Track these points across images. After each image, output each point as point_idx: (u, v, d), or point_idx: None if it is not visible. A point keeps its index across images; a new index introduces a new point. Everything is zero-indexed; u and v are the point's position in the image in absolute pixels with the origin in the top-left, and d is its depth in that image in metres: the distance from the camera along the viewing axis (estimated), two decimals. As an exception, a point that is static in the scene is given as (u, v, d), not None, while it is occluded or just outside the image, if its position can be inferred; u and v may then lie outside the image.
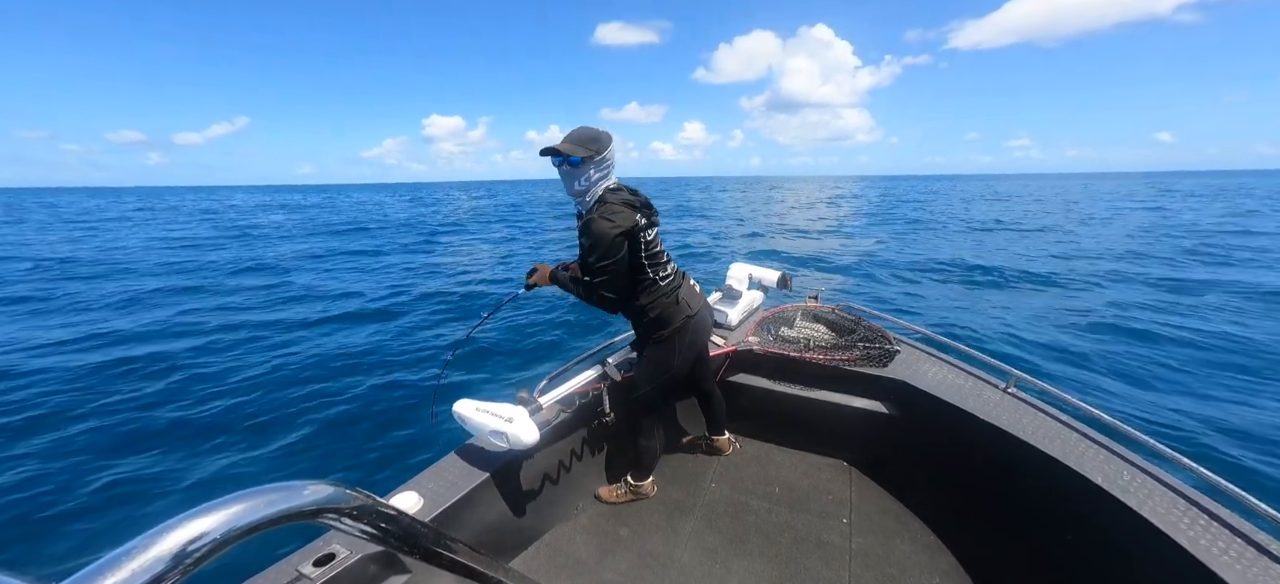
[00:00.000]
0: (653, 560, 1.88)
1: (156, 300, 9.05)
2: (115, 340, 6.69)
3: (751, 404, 2.52)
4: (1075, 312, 7.29)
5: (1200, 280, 9.18)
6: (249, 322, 7.53)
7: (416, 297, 9.06)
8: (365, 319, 7.73)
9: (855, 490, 2.20)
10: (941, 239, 15.96)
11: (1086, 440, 1.67)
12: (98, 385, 5.15)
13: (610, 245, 1.68)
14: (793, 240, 16.76)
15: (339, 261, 13.60)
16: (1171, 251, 12.54)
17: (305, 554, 1.26)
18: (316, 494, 0.62)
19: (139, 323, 7.52)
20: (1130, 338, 6.14)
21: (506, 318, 6.84)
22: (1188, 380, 4.95)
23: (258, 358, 5.89)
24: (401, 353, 6.08)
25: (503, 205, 41.99)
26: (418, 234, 20.15)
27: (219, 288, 10.17)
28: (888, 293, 8.93)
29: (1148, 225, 18.61)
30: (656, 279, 1.84)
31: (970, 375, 2.14)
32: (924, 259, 12.10)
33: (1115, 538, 1.44)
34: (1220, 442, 3.79)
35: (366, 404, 4.62)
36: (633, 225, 1.72)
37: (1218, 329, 6.30)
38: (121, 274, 11.90)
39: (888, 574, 1.79)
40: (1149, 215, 22.62)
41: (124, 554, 0.46)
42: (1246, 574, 1.18)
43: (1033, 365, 5.29)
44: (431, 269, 12.29)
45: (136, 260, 14.06)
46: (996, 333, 6.42)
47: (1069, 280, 9.43)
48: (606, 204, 1.72)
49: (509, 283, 10.45)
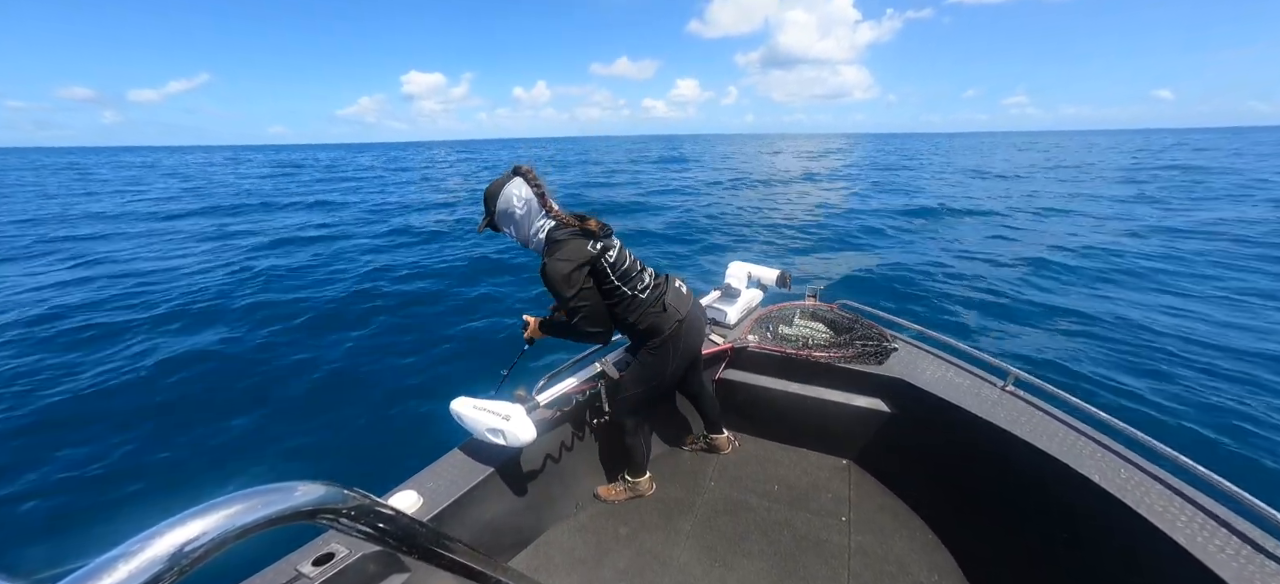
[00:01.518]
0: (651, 559, 1.88)
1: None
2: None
3: (750, 402, 2.52)
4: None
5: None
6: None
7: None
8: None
9: (854, 488, 2.20)
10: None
11: (1084, 438, 1.68)
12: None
13: (570, 282, 1.68)
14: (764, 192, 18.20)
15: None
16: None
17: (304, 553, 1.26)
18: (314, 494, 0.62)
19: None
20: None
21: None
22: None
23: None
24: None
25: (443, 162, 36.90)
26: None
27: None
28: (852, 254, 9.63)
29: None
30: (635, 293, 1.82)
31: (968, 373, 2.15)
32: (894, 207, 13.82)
33: (1113, 535, 1.45)
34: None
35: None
36: (587, 256, 1.71)
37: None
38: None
39: (886, 572, 1.80)
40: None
41: (120, 555, 0.46)
42: (1243, 571, 1.18)
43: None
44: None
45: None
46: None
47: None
48: (556, 244, 1.72)
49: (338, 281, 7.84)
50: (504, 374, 2.14)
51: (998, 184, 19.63)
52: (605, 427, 2.16)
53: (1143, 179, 20.27)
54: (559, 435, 2.09)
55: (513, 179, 1.76)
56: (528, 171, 1.78)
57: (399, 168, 38.71)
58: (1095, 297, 6.41)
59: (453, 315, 6.43)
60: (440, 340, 5.61)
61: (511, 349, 2.17)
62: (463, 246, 10.05)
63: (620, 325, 1.88)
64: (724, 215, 13.42)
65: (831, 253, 9.39)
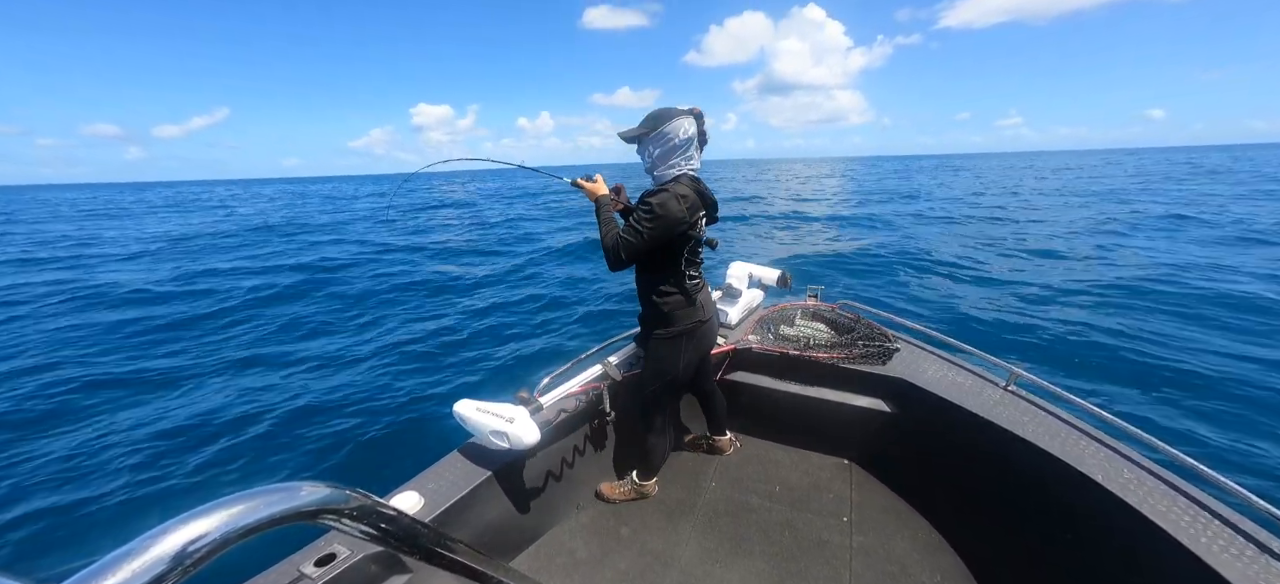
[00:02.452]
0: (653, 559, 1.89)
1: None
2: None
3: (751, 403, 2.52)
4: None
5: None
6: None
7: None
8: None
9: (855, 489, 2.20)
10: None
11: (1086, 438, 1.68)
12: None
13: (664, 220, 1.68)
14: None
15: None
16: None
17: (306, 554, 1.27)
18: (316, 495, 0.63)
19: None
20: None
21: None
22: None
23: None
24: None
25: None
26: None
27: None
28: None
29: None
30: (686, 274, 1.86)
31: (970, 373, 2.14)
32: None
33: (1115, 535, 1.44)
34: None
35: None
36: (685, 221, 1.73)
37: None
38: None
39: (888, 572, 1.79)
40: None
41: (124, 555, 0.46)
42: (1247, 572, 1.18)
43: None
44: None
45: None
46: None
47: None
48: (674, 189, 1.72)
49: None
50: (537, 169, 2.11)
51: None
52: (609, 428, 2.16)
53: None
54: (562, 437, 2.09)
55: (687, 115, 1.76)
56: (701, 115, 1.79)
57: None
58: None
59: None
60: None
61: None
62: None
63: (650, 289, 1.88)
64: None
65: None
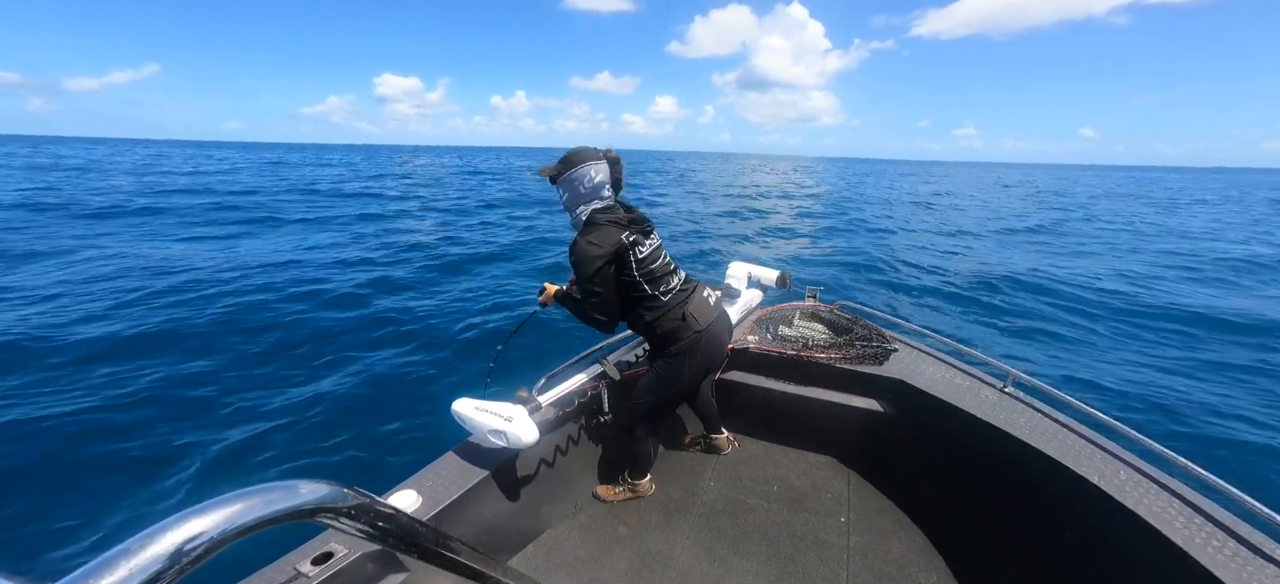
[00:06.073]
0: (651, 559, 1.89)
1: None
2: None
3: (749, 403, 2.52)
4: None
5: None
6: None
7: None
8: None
9: (853, 489, 2.20)
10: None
11: (1083, 440, 1.68)
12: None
13: (593, 268, 1.69)
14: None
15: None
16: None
17: (303, 552, 1.26)
18: (314, 493, 0.62)
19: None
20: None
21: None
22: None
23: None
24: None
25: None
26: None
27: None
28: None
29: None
30: (657, 295, 1.80)
31: (967, 374, 2.15)
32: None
33: (1111, 537, 1.45)
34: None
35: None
36: (618, 245, 1.71)
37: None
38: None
39: (885, 573, 1.80)
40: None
41: (120, 553, 0.46)
42: (1241, 574, 1.18)
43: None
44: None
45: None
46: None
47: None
48: (594, 226, 1.73)
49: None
50: (499, 349, 2.20)
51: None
52: (607, 427, 2.16)
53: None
54: (560, 436, 2.09)
55: (601, 159, 1.78)
56: (617, 160, 1.81)
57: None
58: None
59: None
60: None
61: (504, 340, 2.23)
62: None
63: (636, 323, 1.87)
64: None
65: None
